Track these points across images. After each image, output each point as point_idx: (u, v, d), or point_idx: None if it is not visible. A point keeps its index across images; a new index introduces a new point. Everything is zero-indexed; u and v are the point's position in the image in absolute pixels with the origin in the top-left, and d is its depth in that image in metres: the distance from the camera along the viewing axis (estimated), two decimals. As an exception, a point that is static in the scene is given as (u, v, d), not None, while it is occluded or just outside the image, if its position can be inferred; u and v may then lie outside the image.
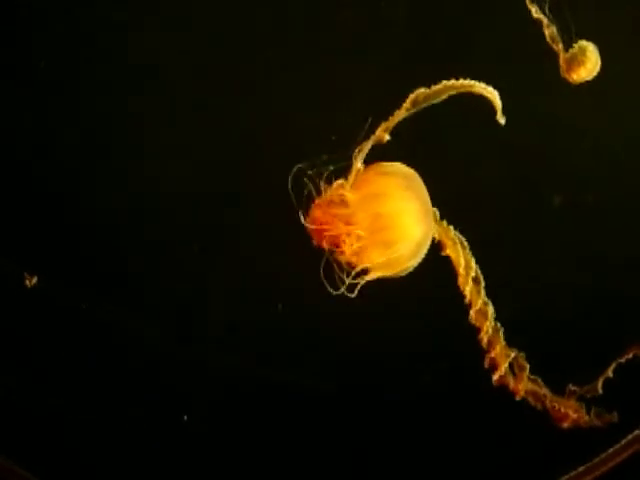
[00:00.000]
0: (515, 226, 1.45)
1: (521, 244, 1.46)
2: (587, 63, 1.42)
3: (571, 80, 1.43)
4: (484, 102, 1.38)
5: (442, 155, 1.45)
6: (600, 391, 1.41)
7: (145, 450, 1.48)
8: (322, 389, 1.47)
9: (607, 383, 1.41)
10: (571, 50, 1.43)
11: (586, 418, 1.42)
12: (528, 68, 1.45)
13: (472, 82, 1.37)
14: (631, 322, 1.44)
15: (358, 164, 1.34)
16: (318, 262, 1.32)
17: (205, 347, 1.48)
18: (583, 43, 1.42)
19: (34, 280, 1.45)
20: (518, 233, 1.45)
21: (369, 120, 1.35)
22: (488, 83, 1.38)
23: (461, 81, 1.36)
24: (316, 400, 1.47)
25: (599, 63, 1.43)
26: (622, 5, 1.45)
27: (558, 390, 1.42)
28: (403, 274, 1.35)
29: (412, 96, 1.36)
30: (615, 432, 1.42)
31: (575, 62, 1.42)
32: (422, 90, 1.36)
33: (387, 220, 1.32)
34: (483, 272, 1.38)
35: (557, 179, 1.47)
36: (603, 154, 1.47)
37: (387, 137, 1.36)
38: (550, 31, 1.42)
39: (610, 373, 1.41)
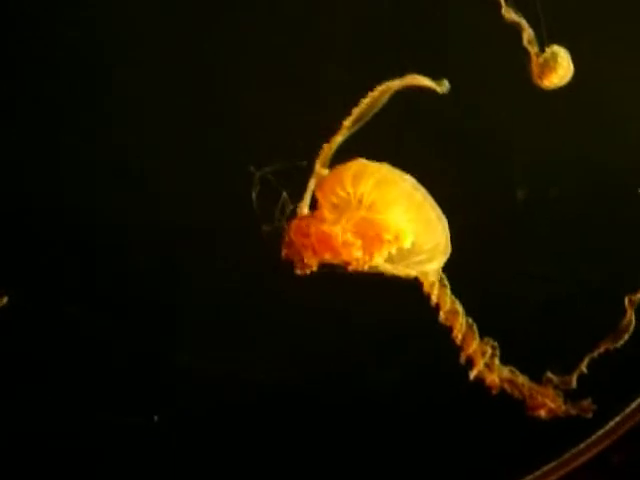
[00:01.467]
0: (481, 221, 1.44)
1: (489, 238, 1.45)
2: (559, 69, 1.41)
3: (542, 86, 1.42)
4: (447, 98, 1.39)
5: (410, 150, 1.44)
6: (574, 385, 1.42)
7: (117, 450, 1.49)
8: (289, 383, 1.48)
9: (581, 376, 1.42)
10: (543, 55, 1.41)
11: (563, 407, 1.42)
12: (496, 66, 1.44)
13: (413, 77, 1.37)
14: (600, 313, 1.45)
15: (312, 186, 1.36)
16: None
17: (173, 346, 1.49)
18: (555, 48, 1.41)
19: (4, 300, 1.46)
20: (484, 227, 1.45)
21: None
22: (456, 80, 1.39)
23: (398, 80, 1.37)
24: (284, 394, 1.48)
25: (571, 69, 1.42)
26: (596, 11, 1.44)
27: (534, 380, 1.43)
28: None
29: (346, 123, 1.37)
30: (589, 424, 1.44)
31: (547, 68, 1.41)
32: (356, 109, 1.36)
33: (372, 217, 1.33)
34: (452, 266, 1.39)
35: (522, 173, 1.47)
36: (569, 149, 1.46)
37: (326, 172, 1.37)
38: (527, 34, 1.41)
39: (584, 368, 1.42)
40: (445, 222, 1.37)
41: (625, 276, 1.43)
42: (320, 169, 1.37)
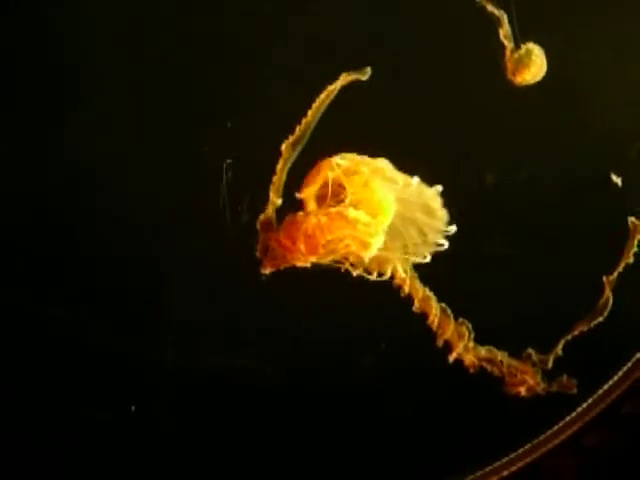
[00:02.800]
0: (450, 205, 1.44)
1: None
2: (532, 66, 1.42)
3: (515, 82, 1.43)
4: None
5: (381, 137, 1.43)
6: (550, 365, 1.43)
7: (101, 446, 1.49)
8: (269, 373, 1.48)
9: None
10: (518, 52, 1.42)
11: (542, 385, 1.43)
12: (470, 57, 1.45)
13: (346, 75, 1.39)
14: (575, 294, 1.46)
15: (277, 201, 1.37)
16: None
17: (157, 339, 1.48)
18: (530, 46, 1.42)
19: None
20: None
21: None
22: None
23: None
24: (263, 384, 1.48)
25: (544, 67, 1.42)
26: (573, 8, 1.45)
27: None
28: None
29: (284, 147, 1.38)
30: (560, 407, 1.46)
31: (521, 65, 1.41)
32: (290, 138, 1.38)
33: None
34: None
35: (490, 158, 1.47)
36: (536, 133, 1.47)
37: (279, 201, 1.37)
38: (505, 30, 1.41)
39: (559, 351, 1.43)
40: None
41: (600, 257, 1.45)
42: (275, 199, 1.37)
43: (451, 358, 1.41)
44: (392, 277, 1.39)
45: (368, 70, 1.39)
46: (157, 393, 1.48)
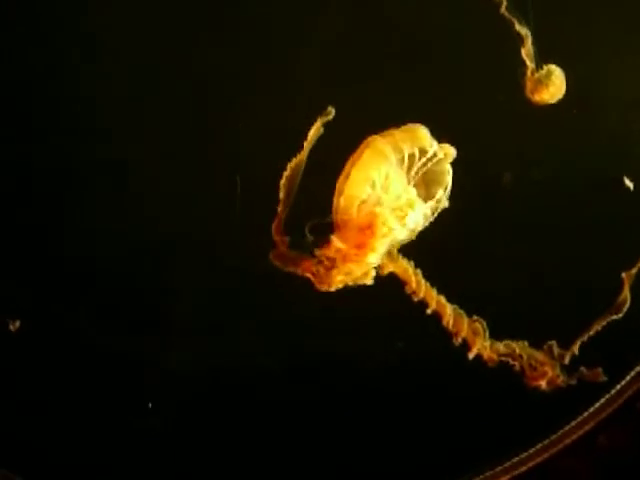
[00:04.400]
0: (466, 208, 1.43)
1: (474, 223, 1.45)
2: (551, 87, 1.43)
3: (533, 101, 1.44)
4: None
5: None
6: (567, 362, 1.43)
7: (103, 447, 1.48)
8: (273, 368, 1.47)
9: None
10: (538, 72, 1.43)
11: (562, 377, 1.42)
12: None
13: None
14: (590, 293, 1.46)
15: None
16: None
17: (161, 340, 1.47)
18: (552, 67, 1.43)
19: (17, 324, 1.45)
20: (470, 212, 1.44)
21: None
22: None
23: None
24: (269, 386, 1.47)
25: (563, 89, 1.43)
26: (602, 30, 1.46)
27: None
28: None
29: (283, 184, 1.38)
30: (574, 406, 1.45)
31: (540, 84, 1.43)
32: (286, 173, 1.38)
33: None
34: (440, 251, 1.40)
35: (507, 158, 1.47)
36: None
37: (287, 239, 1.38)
38: (527, 48, 1.42)
39: (576, 350, 1.42)
40: None
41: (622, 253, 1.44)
42: (279, 239, 1.37)
43: (470, 356, 1.41)
44: (404, 284, 1.38)
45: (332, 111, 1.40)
46: (160, 395, 1.47)
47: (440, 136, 1.39)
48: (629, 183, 1.45)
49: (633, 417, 1.45)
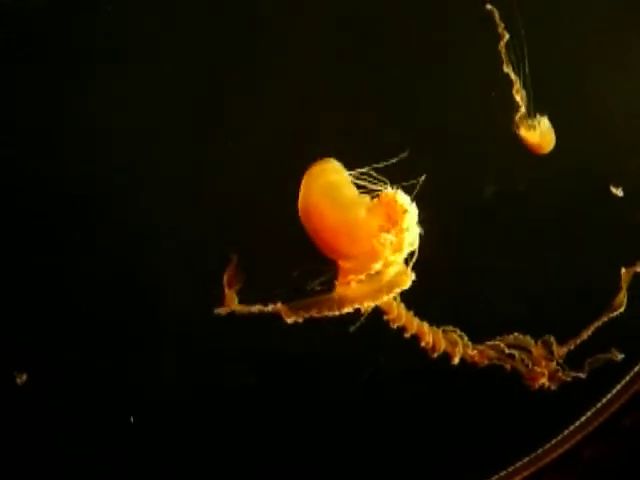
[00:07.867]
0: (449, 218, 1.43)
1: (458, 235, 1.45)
2: (538, 137, 1.44)
3: (519, 136, 1.45)
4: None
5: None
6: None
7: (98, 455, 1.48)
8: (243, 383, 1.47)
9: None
10: (530, 118, 1.44)
11: (560, 374, 1.43)
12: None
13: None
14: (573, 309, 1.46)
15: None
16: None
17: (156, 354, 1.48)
18: (543, 120, 1.44)
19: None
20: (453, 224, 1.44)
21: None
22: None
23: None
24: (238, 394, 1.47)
25: (553, 141, 1.44)
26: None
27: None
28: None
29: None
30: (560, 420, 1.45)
31: (530, 131, 1.44)
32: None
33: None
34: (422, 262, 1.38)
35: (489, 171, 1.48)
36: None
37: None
38: (517, 87, 1.43)
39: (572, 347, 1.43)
40: None
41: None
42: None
43: (455, 361, 1.40)
44: (383, 313, 1.37)
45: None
46: (156, 407, 1.47)
47: (423, 150, 1.40)
48: (616, 191, 1.45)
49: (618, 432, 1.44)
